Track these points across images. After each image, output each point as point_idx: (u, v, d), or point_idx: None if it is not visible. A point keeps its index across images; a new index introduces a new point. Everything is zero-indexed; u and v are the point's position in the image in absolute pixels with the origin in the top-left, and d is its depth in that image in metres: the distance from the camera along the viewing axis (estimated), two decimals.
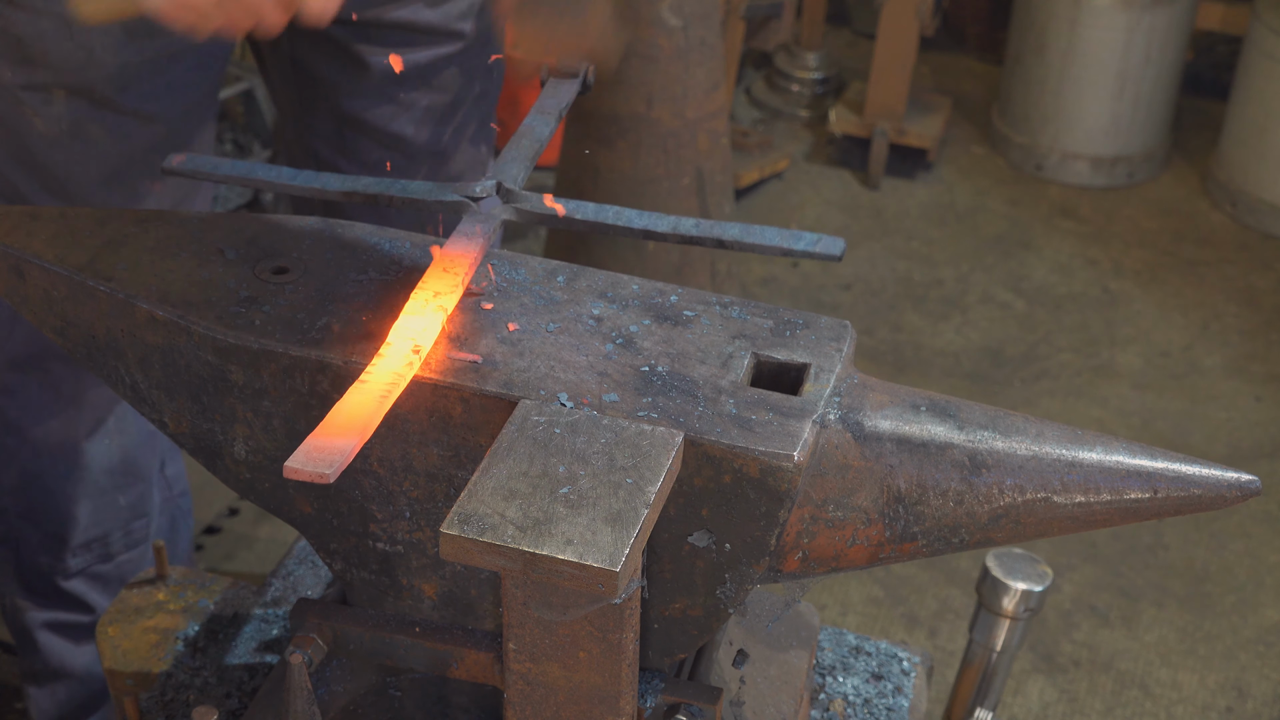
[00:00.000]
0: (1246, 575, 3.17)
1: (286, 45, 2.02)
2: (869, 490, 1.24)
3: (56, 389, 2.07)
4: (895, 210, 4.42)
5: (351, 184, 1.40)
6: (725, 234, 1.33)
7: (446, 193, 1.39)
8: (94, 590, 2.26)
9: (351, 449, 1.10)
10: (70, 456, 2.13)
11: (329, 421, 1.13)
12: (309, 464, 1.08)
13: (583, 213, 1.37)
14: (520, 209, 1.39)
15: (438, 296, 1.26)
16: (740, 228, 1.33)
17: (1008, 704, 2.84)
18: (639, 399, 1.23)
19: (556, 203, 1.39)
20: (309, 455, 1.09)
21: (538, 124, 1.53)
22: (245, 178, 1.42)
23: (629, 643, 1.23)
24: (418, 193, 1.40)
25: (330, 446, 1.10)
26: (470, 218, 1.36)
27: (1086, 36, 4.37)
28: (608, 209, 1.37)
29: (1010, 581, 1.71)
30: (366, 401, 1.15)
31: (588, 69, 1.66)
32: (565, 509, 1.11)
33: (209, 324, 1.28)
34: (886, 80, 4.40)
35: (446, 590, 1.37)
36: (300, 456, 1.09)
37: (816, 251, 1.31)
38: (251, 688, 1.67)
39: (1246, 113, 4.32)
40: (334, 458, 1.09)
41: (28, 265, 1.37)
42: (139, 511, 2.24)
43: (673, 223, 1.34)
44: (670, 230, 1.34)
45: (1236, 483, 1.22)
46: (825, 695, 1.70)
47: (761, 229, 1.32)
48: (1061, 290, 4.09)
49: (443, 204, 1.39)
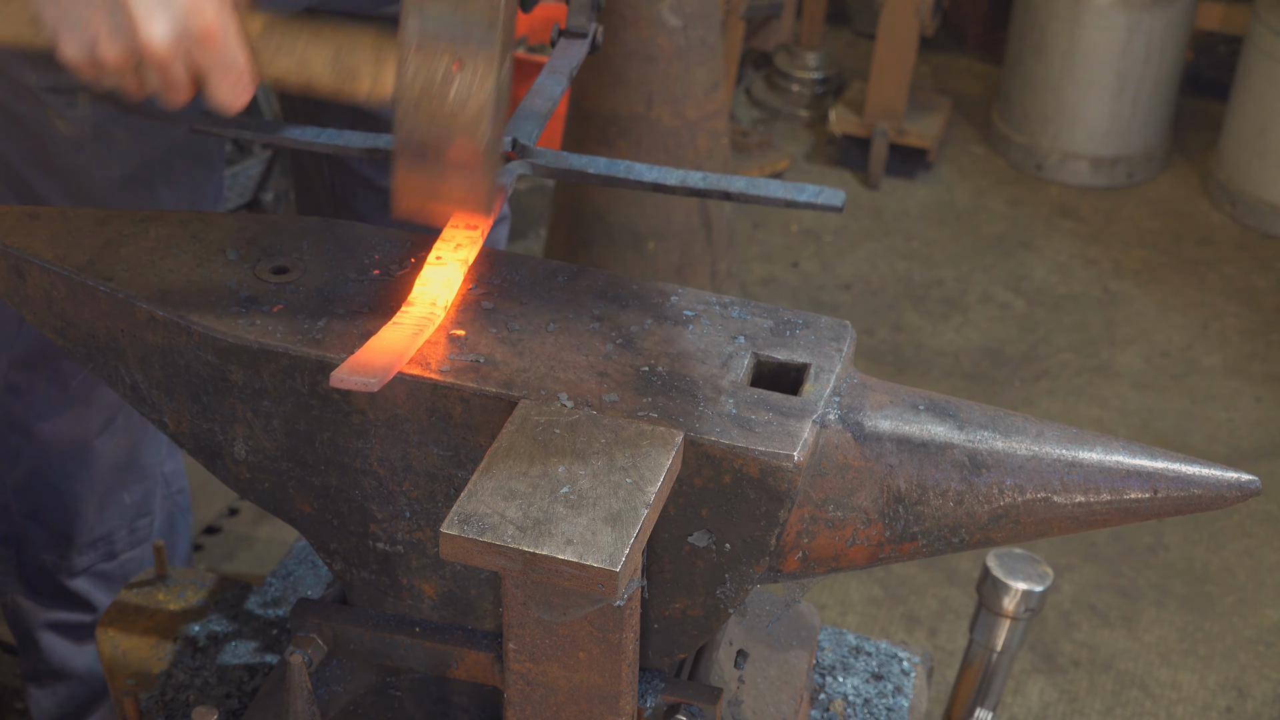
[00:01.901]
0: (1246, 575, 3.17)
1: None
2: (869, 490, 1.24)
3: (65, 387, 2.07)
4: (895, 210, 4.42)
5: (373, 141, 1.41)
6: (731, 186, 1.35)
7: None
8: (98, 589, 2.26)
9: (394, 367, 1.19)
10: (78, 455, 2.13)
11: (367, 349, 1.20)
12: (355, 375, 1.16)
13: (595, 167, 1.38)
14: (535, 163, 1.40)
15: (459, 249, 1.30)
16: (746, 180, 1.35)
17: (1008, 704, 2.84)
18: (639, 399, 1.23)
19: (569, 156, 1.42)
20: (354, 369, 1.17)
21: (549, 83, 1.55)
22: (271, 136, 1.45)
23: (629, 643, 1.23)
24: None
25: (372, 365, 1.18)
26: None
27: (1086, 36, 4.37)
28: (619, 163, 1.39)
29: (1011, 581, 1.71)
30: (400, 336, 1.23)
31: (597, 29, 1.67)
32: (565, 509, 1.11)
33: (209, 324, 1.28)
34: (886, 80, 4.40)
35: (446, 590, 1.36)
36: (345, 370, 1.17)
37: (819, 203, 1.32)
38: (251, 688, 1.67)
39: (1246, 113, 4.32)
40: (379, 372, 1.17)
41: (28, 265, 1.37)
42: (144, 510, 2.24)
43: (681, 176, 1.37)
44: (679, 183, 1.36)
45: (1236, 483, 1.22)
46: (825, 695, 1.70)
47: (766, 181, 1.34)
48: (1061, 290, 4.09)
49: None
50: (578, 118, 3.25)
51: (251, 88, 1.27)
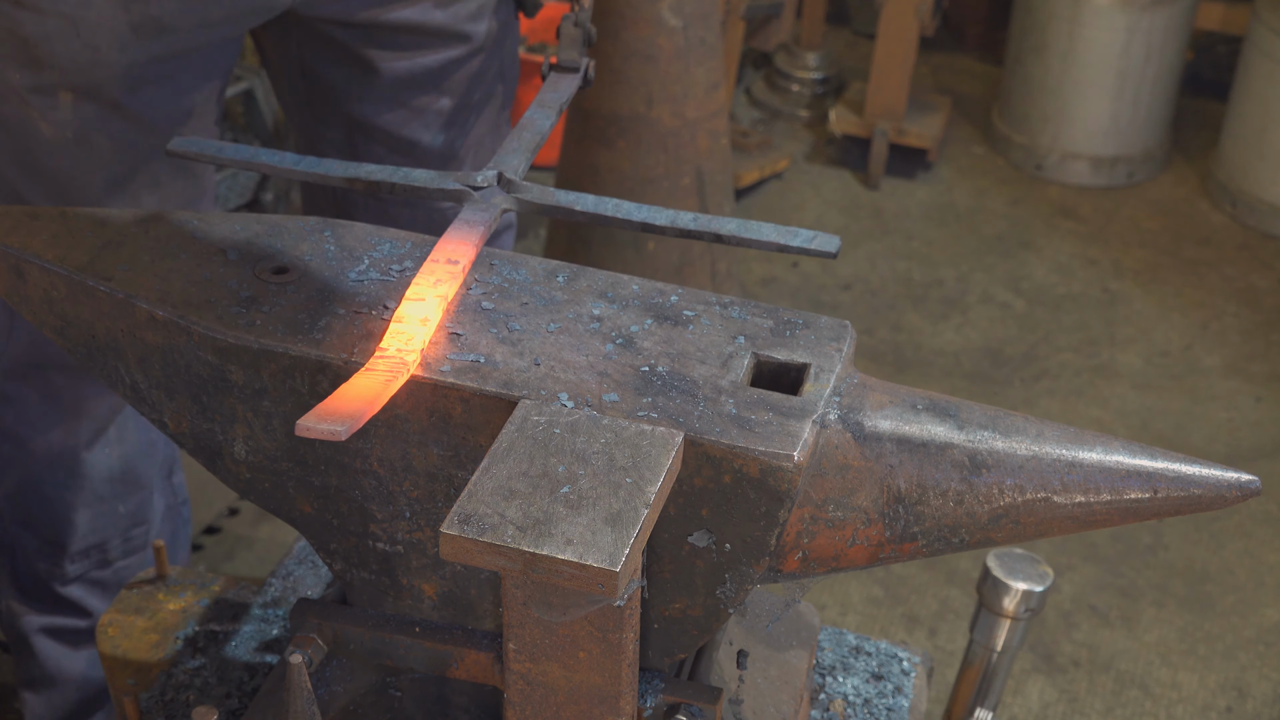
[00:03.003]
0: (1246, 575, 3.17)
1: (295, 51, 2.01)
2: (869, 490, 1.24)
3: (56, 398, 2.06)
4: (895, 210, 4.42)
5: (354, 170, 1.41)
6: (722, 229, 1.33)
7: (448, 181, 1.40)
8: (92, 595, 2.26)
9: (364, 414, 1.13)
10: (69, 465, 2.12)
11: (337, 395, 1.15)
12: (322, 423, 1.10)
13: (582, 204, 1.37)
14: (521, 199, 1.39)
15: (438, 284, 1.27)
16: (737, 223, 1.33)
17: (1008, 704, 2.84)
18: (639, 399, 1.23)
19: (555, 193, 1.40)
20: (321, 416, 1.11)
21: (538, 117, 1.54)
22: (249, 161, 1.43)
23: (629, 643, 1.23)
24: (419, 180, 1.40)
25: (340, 412, 1.12)
26: (471, 207, 1.37)
27: (1086, 36, 4.37)
28: (607, 201, 1.38)
29: (1011, 582, 1.71)
30: (372, 383, 1.17)
31: (588, 64, 1.68)
32: (565, 509, 1.11)
33: (209, 324, 1.28)
34: (886, 80, 4.40)
35: (446, 590, 1.36)
36: (312, 417, 1.11)
37: (812, 248, 1.31)
38: (251, 688, 1.67)
39: (1246, 113, 4.32)
40: (347, 420, 1.11)
41: (28, 265, 1.37)
42: (138, 519, 2.24)
43: (671, 216, 1.35)
44: (669, 224, 1.34)
45: (1236, 483, 1.22)
46: (825, 695, 1.70)
47: (758, 225, 1.33)
48: (1061, 290, 4.09)
49: (444, 192, 1.39)
50: (578, 117, 3.25)
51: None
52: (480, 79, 2.05)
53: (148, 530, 2.26)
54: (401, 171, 1.41)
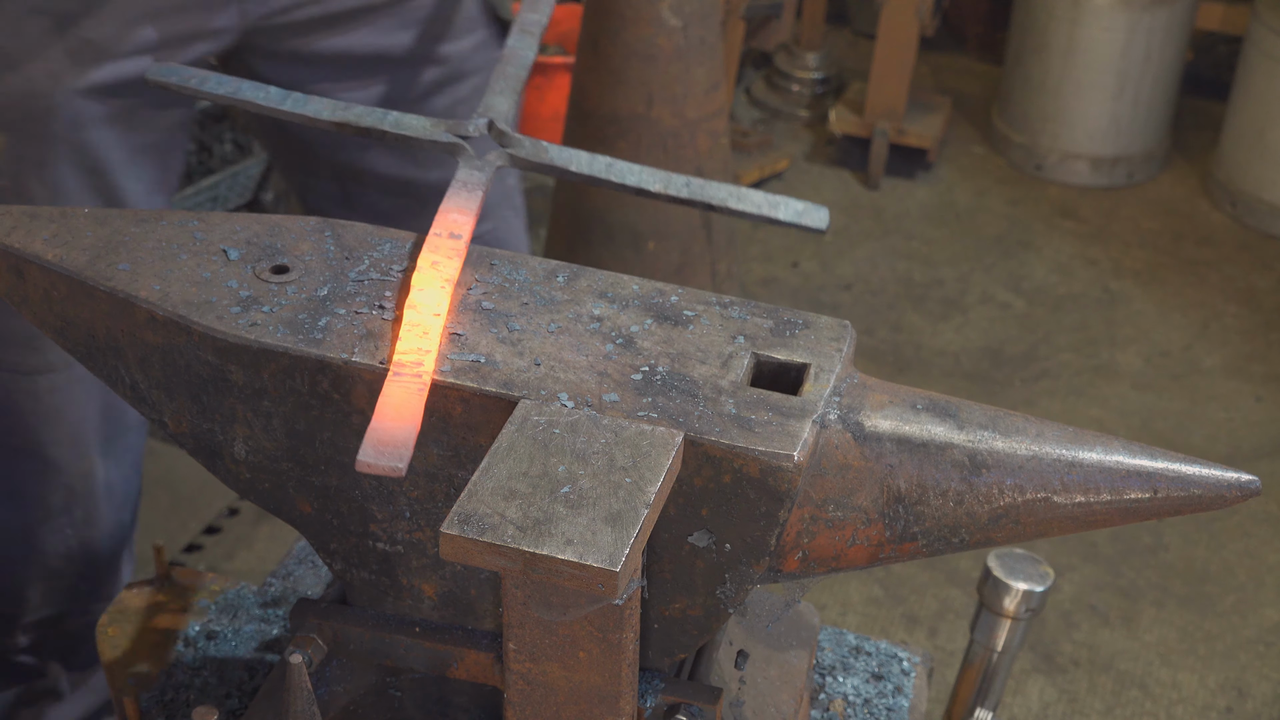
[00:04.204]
0: (1246, 575, 3.17)
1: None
2: (869, 490, 1.24)
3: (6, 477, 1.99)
4: (895, 210, 4.43)
5: (343, 113, 1.37)
6: (713, 196, 1.33)
7: (440, 132, 1.38)
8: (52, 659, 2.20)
9: (410, 438, 1.14)
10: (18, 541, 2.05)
11: (380, 417, 1.16)
12: (381, 458, 1.12)
13: (577, 164, 1.36)
14: (514, 155, 1.37)
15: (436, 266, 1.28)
16: (729, 190, 1.33)
17: (1008, 704, 2.84)
18: (639, 399, 1.23)
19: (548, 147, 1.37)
20: (378, 450, 1.12)
21: (520, 45, 1.48)
22: (231, 96, 1.37)
23: (629, 643, 1.23)
24: (410, 129, 1.37)
25: (391, 438, 1.14)
26: (466, 166, 1.36)
27: (1086, 36, 4.37)
28: (600, 160, 1.36)
29: (1012, 582, 1.71)
30: (406, 396, 1.18)
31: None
32: (565, 509, 1.11)
33: (209, 324, 1.28)
34: (886, 80, 4.40)
35: (446, 590, 1.36)
36: (370, 451, 1.12)
37: (801, 223, 1.30)
38: (251, 688, 1.67)
39: (1246, 113, 4.32)
40: (400, 450, 1.13)
41: (28, 265, 1.37)
42: (100, 595, 2.17)
43: (664, 180, 1.35)
44: (662, 189, 1.34)
45: (1236, 483, 1.22)
46: (825, 695, 1.70)
47: (749, 193, 1.32)
48: (1061, 290, 4.09)
49: (436, 144, 1.37)
50: (577, 118, 3.25)
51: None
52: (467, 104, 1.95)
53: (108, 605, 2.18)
54: (391, 117, 1.37)
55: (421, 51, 1.88)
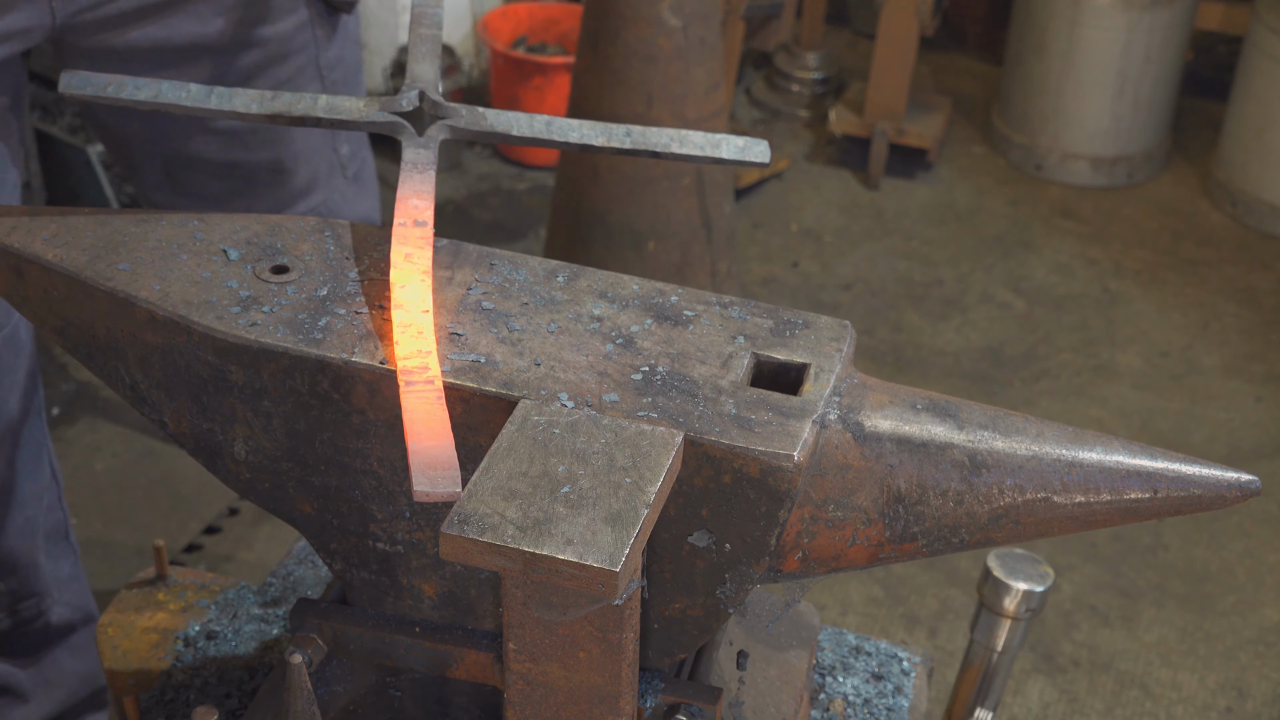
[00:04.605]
0: (1246, 575, 3.17)
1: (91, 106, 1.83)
2: (869, 490, 1.24)
3: None
4: (895, 210, 4.43)
5: (271, 104, 1.36)
6: (656, 143, 1.36)
7: (375, 113, 1.36)
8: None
9: (452, 454, 1.12)
10: None
11: (415, 438, 1.13)
12: (437, 485, 1.10)
13: (519, 128, 1.36)
14: (454, 126, 1.36)
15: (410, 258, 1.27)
16: (670, 135, 1.36)
17: (1008, 704, 2.84)
18: (639, 399, 1.23)
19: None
20: (429, 477, 1.10)
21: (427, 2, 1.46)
22: (152, 100, 1.35)
23: (629, 643, 1.23)
24: (345, 113, 1.36)
25: (435, 459, 1.11)
26: (410, 146, 1.35)
27: (1086, 36, 4.37)
28: (539, 120, 1.36)
29: (1012, 582, 1.71)
30: (425, 404, 1.16)
31: None
32: (565, 509, 1.11)
33: (209, 324, 1.28)
34: (886, 80, 4.40)
35: (446, 590, 1.36)
36: (424, 480, 1.09)
37: (744, 159, 1.32)
38: (251, 688, 1.67)
39: (1246, 113, 4.32)
40: (450, 472, 1.10)
41: (28, 265, 1.37)
42: (23, 594, 2.15)
43: (606, 133, 1.37)
44: (605, 142, 1.36)
45: (1236, 483, 1.22)
46: (825, 695, 1.70)
47: (690, 135, 1.35)
48: (1061, 290, 4.09)
49: (374, 124, 1.36)
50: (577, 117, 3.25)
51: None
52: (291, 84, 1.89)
53: (40, 600, 2.18)
54: (323, 102, 1.35)
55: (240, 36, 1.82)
